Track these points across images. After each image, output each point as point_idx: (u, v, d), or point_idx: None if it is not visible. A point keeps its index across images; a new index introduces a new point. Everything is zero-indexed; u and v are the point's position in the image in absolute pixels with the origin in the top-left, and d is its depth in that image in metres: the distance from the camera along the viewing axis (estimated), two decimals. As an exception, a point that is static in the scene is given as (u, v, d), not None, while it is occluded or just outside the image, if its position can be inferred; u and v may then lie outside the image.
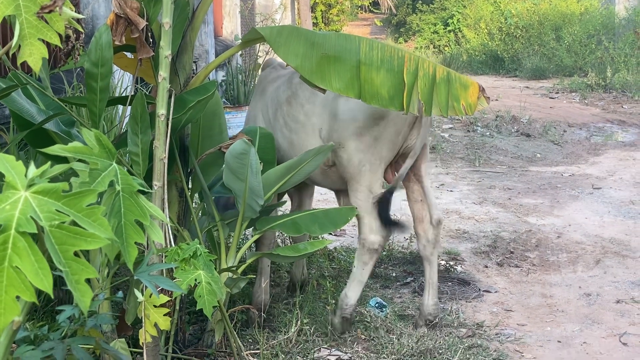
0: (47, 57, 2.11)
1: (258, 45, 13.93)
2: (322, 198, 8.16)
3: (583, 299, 5.52)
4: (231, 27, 14.26)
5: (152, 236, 2.05)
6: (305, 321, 4.62)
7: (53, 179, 1.70)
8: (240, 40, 4.28)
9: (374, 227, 4.59)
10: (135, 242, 2.01)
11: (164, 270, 3.33)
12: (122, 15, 3.59)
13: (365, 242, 4.62)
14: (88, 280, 1.72)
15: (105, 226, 1.62)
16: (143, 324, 3.21)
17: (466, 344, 4.55)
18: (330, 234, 6.61)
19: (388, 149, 4.59)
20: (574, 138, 12.03)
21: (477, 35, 24.06)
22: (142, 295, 3.14)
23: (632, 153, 10.72)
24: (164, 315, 3.25)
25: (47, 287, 1.57)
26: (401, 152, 4.71)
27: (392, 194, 4.63)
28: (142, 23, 3.58)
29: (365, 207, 4.59)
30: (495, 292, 5.67)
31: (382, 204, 4.58)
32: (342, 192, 5.17)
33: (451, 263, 6.19)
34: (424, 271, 4.91)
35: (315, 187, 5.43)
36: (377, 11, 35.60)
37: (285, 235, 6.01)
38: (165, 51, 3.47)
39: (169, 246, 3.46)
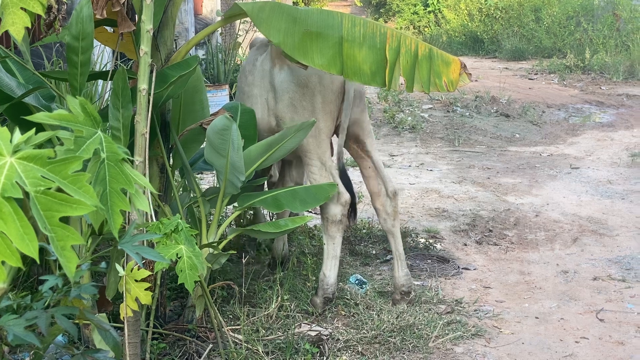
0: (30, 26, 2.10)
1: (238, 24, 13.88)
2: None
3: (560, 276, 5.57)
4: (211, 6, 14.18)
5: (137, 204, 2.05)
6: (285, 297, 4.64)
7: (38, 148, 1.69)
8: (222, 16, 4.25)
9: (333, 199, 4.62)
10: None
11: (145, 243, 3.33)
12: (103, -11, 3.56)
13: (328, 214, 4.65)
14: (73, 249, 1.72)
15: (90, 193, 1.61)
16: (124, 299, 3.21)
17: (445, 320, 4.59)
18: (310, 211, 6.63)
19: (324, 120, 4.62)
20: (552, 119, 12.09)
21: (457, 16, 24.07)
22: (123, 269, 3.14)
23: (610, 134, 10.81)
24: (145, 289, 3.25)
25: (33, 251, 1.57)
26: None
27: (342, 170, 4.76)
28: (124, -4, 3.56)
29: (320, 179, 4.63)
30: (474, 269, 5.72)
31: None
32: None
33: (431, 241, 6.23)
34: (389, 245, 4.96)
35: None
36: (357, -9, 35.45)
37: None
38: (147, 25, 3.45)
39: (150, 221, 3.46)
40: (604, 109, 12.84)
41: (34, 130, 1.70)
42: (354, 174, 6.97)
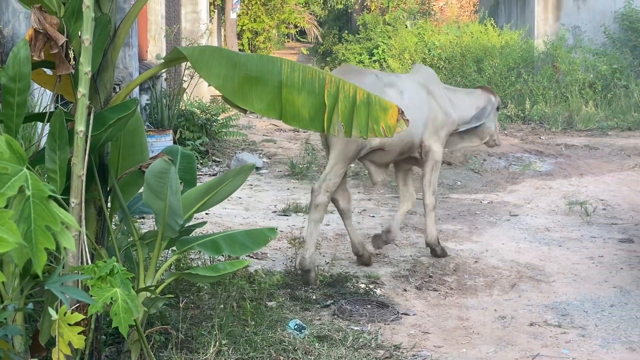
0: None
1: (183, 69, 13.91)
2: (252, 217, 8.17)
3: (498, 322, 5.64)
4: (156, 51, 14.17)
5: (62, 242, 2.04)
6: (224, 342, 4.60)
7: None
8: (162, 60, 4.28)
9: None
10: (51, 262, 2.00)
11: (80, 287, 3.30)
12: (41, 31, 3.56)
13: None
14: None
15: (13, 230, 1.60)
16: (57, 343, 3.16)
17: (383, 365, 4.60)
18: (251, 256, 6.62)
19: None
20: (493, 167, 12.29)
21: (402, 65, 24.46)
22: (57, 313, 3.10)
23: (548, 182, 11.02)
24: (79, 333, 3.20)
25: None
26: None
27: None
28: (62, 39, 3.56)
29: None
30: (414, 314, 5.75)
31: None
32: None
33: (371, 286, 6.25)
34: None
35: None
36: (304, 40, 35.91)
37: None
38: (85, 68, 3.46)
39: (85, 264, 3.43)
40: (543, 158, 13.10)
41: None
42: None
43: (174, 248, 4.50)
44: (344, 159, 6.33)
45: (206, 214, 7.83)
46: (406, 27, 25.46)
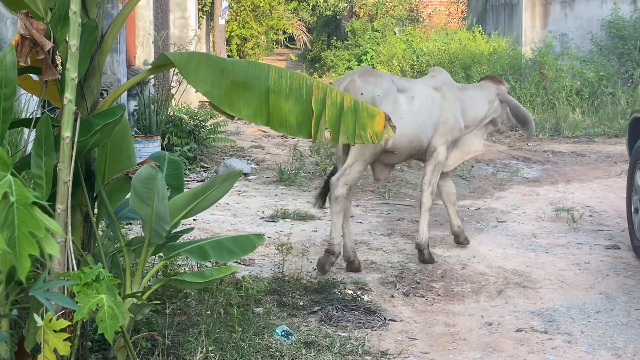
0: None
1: (172, 75, 13.88)
2: (233, 228, 8.16)
3: (485, 328, 5.65)
4: (144, 57, 14.15)
5: (46, 249, 2.03)
6: (210, 348, 4.60)
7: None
8: (149, 66, 4.28)
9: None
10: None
11: (66, 293, 3.29)
12: (27, 37, 3.56)
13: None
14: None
15: (-3, 237, 1.60)
16: (42, 350, 3.15)
17: (370, 371, 4.61)
18: (238, 262, 6.61)
19: None
20: (481, 173, 12.32)
21: (390, 71, 24.49)
22: (42, 319, 3.09)
23: (536, 188, 11.05)
24: (64, 340, 3.20)
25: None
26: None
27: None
28: (48, 45, 3.56)
29: None
30: (401, 321, 5.76)
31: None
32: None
33: (358, 292, 6.26)
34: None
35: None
36: (293, 46, 35.89)
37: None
38: (72, 73, 3.46)
39: (71, 270, 3.42)
40: (530, 165, 13.14)
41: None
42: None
43: (161, 254, 4.50)
44: (362, 159, 6.72)
45: (194, 220, 7.81)
46: (394, 33, 25.51)
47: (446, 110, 7.12)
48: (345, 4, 29.23)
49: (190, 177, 11.05)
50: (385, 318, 5.76)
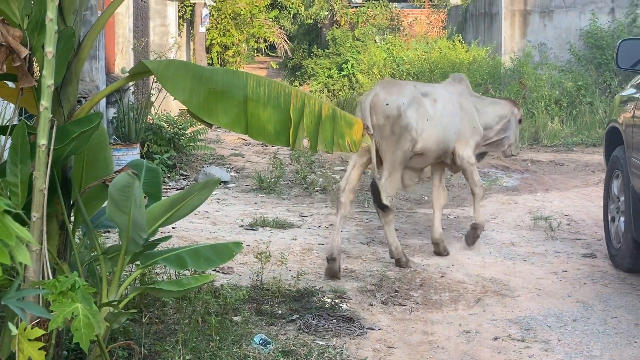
0: None
1: (151, 82, 13.85)
2: (211, 236, 8.14)
3: (462, 336, 5.66)
4: (124, 64, 14.11)
5: (18, 257, 2.02)
6: (188, 357, 4.58)
7: None
8: (127, 73, 4.27)
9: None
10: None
11: (41, 301, 3.27)
12: (3, 44, 3.54)
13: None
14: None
15: (-33, 245, 1.59)
16: (16, 358, 3.13)
17: (348, 380, 4.60)
18: (217, 270, 6.59)
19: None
20: (460, 182, 12.34)
21: (371, 80, 24.55)
22: (17, 328, 3.07)
23: (514, 197, 11.11)
24: (39, 349, 3.18)
25: None
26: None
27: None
28: (24, 52, 3.55)
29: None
30: (379, 329, 5.76)
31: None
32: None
33: (337, 301, 6.25)
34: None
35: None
36: (274, 54, 35.89)
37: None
38: (48, 81, 3.44)
39: (46, 279, 3.39)
40: (509, 174, 13.21)
41: None
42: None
43: (138, 262, 4.48)
44: (397, 165, 7.11)
45: (172, 228, 7.79)
46: (375, 42, 25.60)
47: (464, 118, 7.58)
48: (326, 13, 29.26)
49: (169, 185, 11.02)
50: (363, 326, 5.76)
